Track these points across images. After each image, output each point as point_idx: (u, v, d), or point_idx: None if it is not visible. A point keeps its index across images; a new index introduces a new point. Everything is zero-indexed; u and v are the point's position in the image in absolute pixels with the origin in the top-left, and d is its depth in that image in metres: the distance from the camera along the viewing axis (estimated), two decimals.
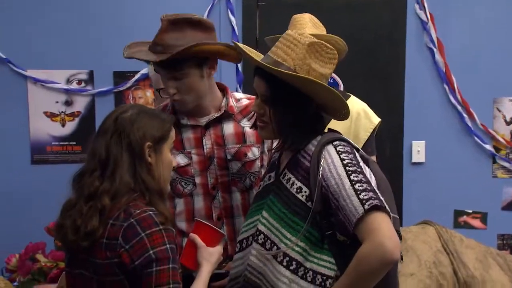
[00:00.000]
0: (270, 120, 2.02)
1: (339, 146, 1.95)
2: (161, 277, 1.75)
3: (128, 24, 3.88)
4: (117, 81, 3.92)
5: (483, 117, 4.01)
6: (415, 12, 3.96)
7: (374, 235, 1.77)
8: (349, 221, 1.81)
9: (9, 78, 3.85)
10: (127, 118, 1.90)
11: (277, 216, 1.98)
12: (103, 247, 1.78)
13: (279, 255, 1.93)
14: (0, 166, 3.87)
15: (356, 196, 1.80)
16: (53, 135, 3.92)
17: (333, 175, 1.87)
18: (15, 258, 2.88)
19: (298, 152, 2.02)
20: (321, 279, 1.89)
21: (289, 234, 1.93)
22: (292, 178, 1.99)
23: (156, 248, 1.76)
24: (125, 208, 1.81)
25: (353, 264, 1.82)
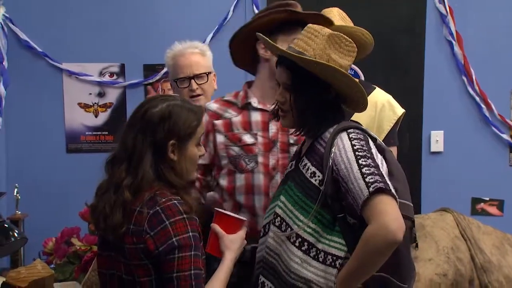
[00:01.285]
0: (290, 108, 2.02)
1: (352, 133, 1.95)
2: (182, 263, 1.76)
3: (157, 19, 3.89)
4: (147, 73, 3.93)
5: (501, 108, 3.97)
6: (435, 5, 3.92)
7: (378, 216, 1.77)
8: (357, 204, 1.82)
9: (45, 71, 3.89)
10: (155, 114, 1.87)
11: (292, 200, 1.99)
12: (129, 232, 1.80)
13: (292, 236, 1.94)
14: (37, 155, 3.91)
15: (363, 179, 1.81)
16: (87, 125, 3.95)
17: (343, 159, 1.88)
18: (51, 242, 2.91)
19: (316, 140, 2.03)
20: (331, 259, 1.90)
21: (301, 216, 1.94)
22: (308, 164, 2.00)
23: (179, 235, 1.76)
24: (152, 196, 1.81)
25: (360, 245, 1.82)
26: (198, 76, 2.69)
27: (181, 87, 2.66)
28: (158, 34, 3.90)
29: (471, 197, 4.01)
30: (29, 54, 3.87)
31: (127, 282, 1.84)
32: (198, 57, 2.73)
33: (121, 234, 1.80)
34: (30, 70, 3.88)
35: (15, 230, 2.52)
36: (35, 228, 3.54)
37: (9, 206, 3.70)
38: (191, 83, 2.67)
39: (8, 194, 3.63)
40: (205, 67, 2.73)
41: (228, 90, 2.76)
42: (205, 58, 2.76)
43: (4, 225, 2.48)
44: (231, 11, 3.90)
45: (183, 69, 2.70)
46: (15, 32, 3.83)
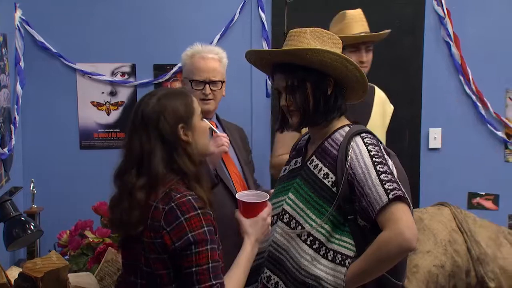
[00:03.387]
0: (295, 107, 2.03)
1: (366, 138, 1.96)
2: (200, 258, 1.76)
3: (166, 22, 3.89)
4: (157, 73, 3.93)
5: (496, 106, 3.95)
6: (433, 8, 3.90)
7: (395, 223, 1.79)
8: (372, 208, 1.83)
9: (60, 71, 3.89)
10: (151, 111, 1.86)
11: (303, 198, 1.98)
12: (148, 227, 1.80)
13: (303, 234, 1.94)
14: (52, 151, 3.91)
15: (381, 186, 1.82)
16: (99, 122, 3.95)
17: (360, 164, 1.89)
18: (66, 234, 2.91)
19: (325, 140, 2.03)
20: (340, 258, 1.90)
21: (314, 216, 1.94)
22: (320, 165, 1.98)
23: (194, 231, 1.76)
24: (167, 192, 1.81)
25: (373, 248, 1.84)
26: (213, 82, 2.67)
27: (196, 88, 2.64)
28: (168, 35, 3.90)
29: (468, 191, 4.00)
30: (45, 55, 3.87)
31: (147, 273, 1.84)
32: (216, 64, 2.71)
33: (140, 230, 1.81)
34: (46, 70, 3.88)
35: (31, 223, 2.52)
36: (50, 221, 3.55)
37: (26, 200, 3.71)
38: (206, 87, 2.66)
39: (25, 189, 3.64)
40: (221, 75, 2.71)
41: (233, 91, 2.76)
42: (221, 65, 2.73)
43: (21, 218, 2.49)
44: (237, 13, 3.89)
45: (201, 72, 2.67)
46: (31, 34, 3.83)
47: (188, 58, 2.73)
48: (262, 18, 3.89)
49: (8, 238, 2.45)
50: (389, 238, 1.80)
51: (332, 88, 2.03)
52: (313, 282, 1.91)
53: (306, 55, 1.96)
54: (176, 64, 3.87)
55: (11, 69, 3.71)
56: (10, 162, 3.59)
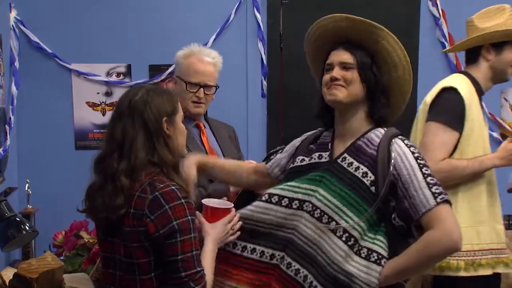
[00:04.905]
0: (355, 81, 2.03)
1: (405, 140, 1.99)
2: (185, 245, 1.80)
3: (162, 22, 3.90)
4: (152, 73, 3.93)
5: (491, 106, 3.95)
6: (428, 9, 3.92)
7: (443, 224, 1.82)
8: (416, 210, 1.85)
9: (55, 71, 3.89)
10: (139, 100, 1.90)
11: (338, 195, 1.96)
12: (130, 216, 1.82)
13: (339, 230, 1.93)
14: (47, 152, 3.91)
15: (428, 189, 1.85)
16: (95, 123, 3.95)
17: (405, 165, 1.90)
18: (61, 235, 2.91)
19: (359, 139, 2.03)
20: (376, 256, 1.90)
21: (351, 213, 1.92)
22: (355, 163, 1.98)
23: (179, 219, 1.80)
24: (150, 182, 1.84)
25: (418, 247, 1.85)
26: (208, 87, 2.67)
27: (190, 90, 2.63)
28: (163, 36, 3.90)
29: None
30: (40, 55, 3.87)
31: (125, 264, 1.87)
32: (212, 68, 2.69)
33: (121, 215, 1.82)
34: (40, 70, 3.88)
35: (26, 223, 2.51)
36: (46, 221, 3.54)
37: (21, 201, 3.71)
38: (200, 91, 2.64)
39: (20, 189, 3.63)
40: (215, 79, 2.71)
41: (229, 91, 2.76)
42: (216, 70, 2.72)
43: (16, 219, 2.48)
44: (233, 14, 3.89)
45: (197, 75, 2.65)
46: (26, 34, 3.83)
47: (183, 57, 2.71)
48: (258, 18, 3.89)
49: (3, 238, 2.44)
50: (437, 237, 1.82)
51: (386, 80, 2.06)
52: (345, 278, 1.89)
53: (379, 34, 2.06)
54: (171, 64, 3.86)
55: (6, 70, 3.70)
56: (5, 163, 3.58)
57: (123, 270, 1.89)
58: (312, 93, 4.20)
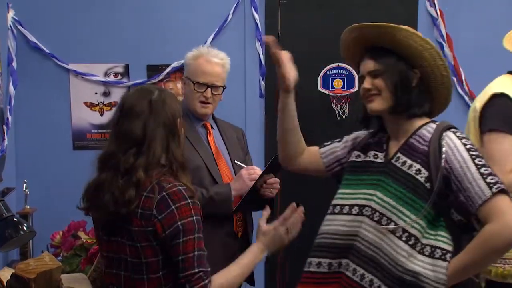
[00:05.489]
0: (383, 88, 2.02)
1: (457, 132, 1.98)
2: (186, 246, 1.81)
3: (160, 22, 3.89)
4: (150, 73, 3.93)
5: None
6: (426, 9, 3.91)
7: (501, 216, 1.80)
8: (472, 202, 1.84)
9: (53, 71, 3.89)
10: (158, 100, 1.93)
11: (394, 195, 1.97)
12: (138, 216, 1.84)
13: (398, 231, 1.92)
14: (45, 152, 3.91)
15: (483, 180, 1.83)
16: (93, 123, 3.95)
17: (457, 158, 1.89)
18: (59, 235, 2.90)
19: (411, 137, 2.02)
20: (440, 252, 1.90)
21: (408, 212, 1.92)
22: (409, 161, 1.98)
23: (183, 220, 1.82)
24: (157, 182, 1.86)
25: (478, 242, 1.84)
26: (215, 87, 2.68)
27: (197, 90, 2.65)
28: (161, 36, 3.90)
29: None
30: (37, 55, 3.87)
31: (132, 264, 1.88)
32: (220, 69, 2.71)
33: (130, 211, 1.83)
34: (38, 70, 3.87)
35: (24, 224, 2.51)
36: (43, 222, 3.54)
37: (19, 201, 3.70)
38: (207, 91, 2.66)
39: (18, 190, 3.63)
40: (222, 80, 2.72)
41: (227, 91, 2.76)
42: (224, 71, 2.74)
43: (13, 219, 2.48)
44: (231, 14, 3.89)
45: (205, 75, 2.67)
46: (24, 34, 3.83)
47: (193, 59, 2.73)
48: (256, 18, 3.89)
49: (1, 239, 2.44)
50: (496, 231, 1.80)
51: (417, 82, 2.02)
52: (411, 278, 1.89)
53: (395, 34, 1.98)
54: (169, 64, 3.87)
55: (4, 70, 3.70)
56: (2, 163, 3.58)
57: (130, 270, 1.89)
58: (310, 93, 4.23)
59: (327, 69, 3.94)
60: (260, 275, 3.93)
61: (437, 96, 2.07)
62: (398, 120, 2.06)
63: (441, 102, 2.10)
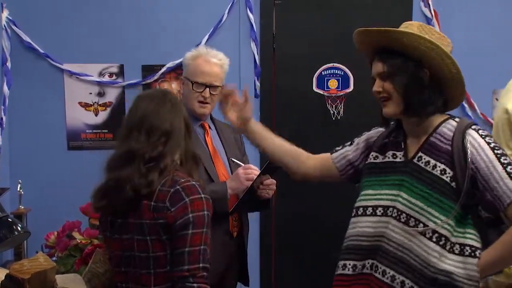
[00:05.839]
0: (392, 91, 2.01)
1: (479, 130, 1.98)
2: (195, 239, 1.86)
3: (155, 22, 3.89)
4: (145, 74, 3.92)
5: (483, 107, 3.98)
6: (421, 9, 3.92)
7: None
8: (501, 201, 1.87)
9: (47, 72, 3.87)
10: (176, 98, 2.09)
11: (420, 196, 1.97)
12: (151, 209, 1.89)
13: (428, 232, 1.94)
14: (39, 152, 3.90)
15: (510, 179, 1.87)
16: (87, 123, 3.94)
17: (483, 158, 1.91)
18: (53, 235, 2.89)
19: (431, 136, 2.03)
20: (470, 250, 1.93)
21: (436, 213, 1.94)
22: (432, 161, 1.98)
23: (195, 212, 1.88)
24: (172, 177, 1.93)
25: (508, 238, 1.89)
26: (214, 87, 2.69)
27: (196, 90, 2.66)
28: (156, 36, 3.89)
29: None
30: (32, 55, 3.85)
31: (140, 259, 1.93)
32: (219, 69, 2.73)
33: (153, 190, 1.89)
34: (33, 70, 3.86)
35: (18, 224, 2.50)
36: (38, 222, 3.53)
37: (13, 201, 3.69)
38: (206, 90, 2.67)
39: (12, 190, 3.62)
40: (221, 80, 2.74)
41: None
42: (223, 71, 2.76)
43: (8, 219, 2.47)
44: (226, 14, 3.89)
45: (204, 75, 2.69)
46: (18, 34, 3.82)
47: (191, 59, 2.74)
48: (251, 19, 3.89)
49: None
50: None
51: (427, 80, 2.01)
52: (444, 277, 1.91)
53: (402, 38, 1.97)
54: (164, 64, 3.87)
55: None
56: None
57: (137, 266, 1.94)
58: (305, 93, 4.23)
59: (322, 70, 3.94)
60: (255, 275, 3.93)
61: (449, 92, 2.06)
62: (414, 119, 2.05)
63: (456, 97, 2.09)
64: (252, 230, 3.89)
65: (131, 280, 1.96)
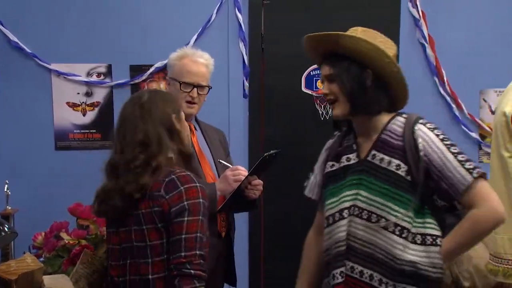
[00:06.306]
0: (339, 93, 2.09)
1: (427, 123, 2.08)
2: (191, 226, 1.89)
3: (143, 22, 3.88)
4: (133, 74, 3.91)
5: (471, 107, 4.00)
6: (408, 10, 3.94)
7: (486, 201, 1.94)
8: (456, 189, 1.96)
9: (35, 71, 3.86)
10: (148, 102, 2.04)
11: (379, 192, 2.05)
12: (147, 198, 1.93)
13: (390, 225, 2.01)
14: (27, 152, 3.87)
15: (462, 167, 1.96)
16: (75, 123, 3.92)
17: (434, 150, 2.00)
18: (41, 236, 2.88)
19: (382, 133, 2.10)
20: (431, 239, 2.01)
21: (396, 207, 2.01)
22: (387, 158, 2.06)
23: (190, 200, 1.91)
24: (167, 169, 1.97)
25: (467, 225, 1.97)
26: (201, 87, 2.70)
27: (184, 90, 2.66)
28: (144, 36, 3.88)
29: None
30: (19, 55, 3.83)
31: (137, 249, 1.96)
32: (205, 69, 2.74)
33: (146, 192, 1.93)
34: (20, 70, 3.84)
35: (5, 225, 2.49)
36: (25, 222, 3.50)
37: (0, 202, 3.67)
38: (193, 91, 2.67)
39: None
40: (207, 80, 2.75)
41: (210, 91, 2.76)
42: (208, 71, 2.77)
43: None
44: (214, 14, 3.89)
45: (191, 75, 2.69)
46: (5, 34, 3.80)
47: (177, 59, 2.74)
48: (239, 19, 3.89)
49: None
50: (483, 215, 1.94)
51: (371, 80, 2.09)
52: (410, 268, 1.99)
53: (338, 40, 2.05)
54: (152, 64, 3.86)
55: None
56: None
57: (135, 256, 1.97)
58: (294, 94, 4.24)
59: (310, 70, 3.95)
60: (244, 275, 3.93)
61: (393, 91, 2.14)
62: (363, 119, 2.13)
63: (400, 97, 2.18)
64: (241, 230, 3.90)
65: (130, 271, 1.99)
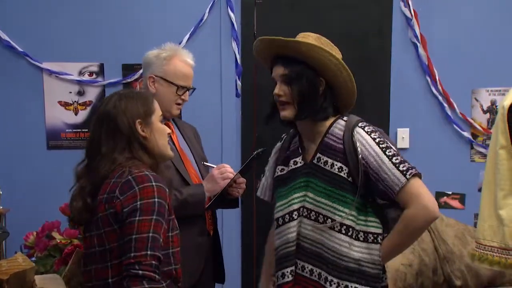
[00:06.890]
0: (290, 97, 2.13)
1: (366, 127, 2.13)
2: (142, 225, 1.80)
3: (135, 21, 3.88)
4: (126, 73, 3.90)
5: (462, 107, 4.01)
6: (401, 9, 3.95)
7: (417, 200, 2.01)
8: (392, 190, 2.03)
9: (26, 70, 3.84)
10: (110, 108, 1.97)
11: (324, 194, 2.12)
12: (103, 201, 1.88)
13: (336, 225, 2.08)
14: (19, 151, 3.86)
15: (396, 169, 2.03)
16: (67, 122, 3.91)
17: (371, 153, 2.06)
18: (32, 235, 2.87)
19: (325, 137, 2.16)
20: (372, 237, 2.10)
21: (341, 207, 2.09)
22: (330, 160, 2.12)
23: (143, 200, 1.83)
24: (126, 169, 1.90)
25: (402, 224, 2.05)
26: (191, 90, 2.69)
27: (179, 94, 2.61)
28: (136, 35, 3.88)
29: (435, 191, 4.02)
30: (10, 54, 3.82)
31: (99, 253, 1.91)
32: (192, 70, 2.71)
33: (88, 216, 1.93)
34: (11, 69, 3.83)
35: None
36: (17, 222, 3.50)
37: None
38: (186, 94, 2.65)
39: None
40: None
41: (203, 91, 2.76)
42: None
43: None
44: (207, 13, 3.89)
45: (186, 78, 2.64)
46: None
47: (167, 58, 2.62)
48: (232, 18, 3.89)
49: None
50: (415, 213, 2.01)
51: (323, 88, 2.15)
52: (354, 264, 2.07)
53: (302, 48, 2.10)
54: None
55: None
56: None
57: (97, 261, 1.92)
58: None
59: None
60: (236, 274, 3.93)
61: (342, 100, 2.21)
62: (308, 123, 2.19)
63: (347, 104, 2.24)
64: (234, 229, 3.91)
65: (95, 276, 1.95)
